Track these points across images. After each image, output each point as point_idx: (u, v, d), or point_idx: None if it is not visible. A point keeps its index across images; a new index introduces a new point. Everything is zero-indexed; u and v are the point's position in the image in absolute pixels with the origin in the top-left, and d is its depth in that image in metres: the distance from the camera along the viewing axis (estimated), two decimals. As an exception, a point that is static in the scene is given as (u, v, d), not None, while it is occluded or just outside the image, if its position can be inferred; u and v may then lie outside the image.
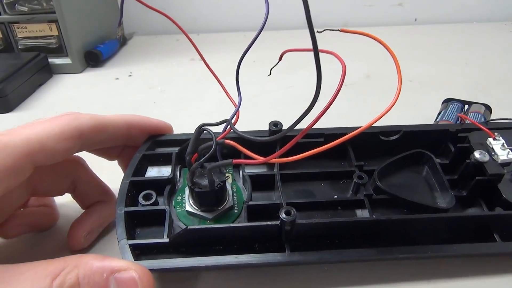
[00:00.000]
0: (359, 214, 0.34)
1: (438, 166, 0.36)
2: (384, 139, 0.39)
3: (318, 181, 0.38)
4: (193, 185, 0.31)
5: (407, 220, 0.32)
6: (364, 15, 0.92)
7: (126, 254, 0.29)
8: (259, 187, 0.36)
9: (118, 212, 0.31)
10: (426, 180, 0.36)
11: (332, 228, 0.32)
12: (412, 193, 0.35)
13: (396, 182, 0.36)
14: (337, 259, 0.31)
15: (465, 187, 0.35)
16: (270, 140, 0.27)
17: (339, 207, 0.35)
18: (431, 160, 0.36)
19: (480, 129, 0.36)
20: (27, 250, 0.35)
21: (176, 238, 0.30)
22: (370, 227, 0.32)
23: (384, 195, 0.34)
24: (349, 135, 0.27)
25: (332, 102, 0.25)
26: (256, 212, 0.33)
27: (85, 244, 0.35)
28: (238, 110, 0.32)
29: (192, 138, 0.31)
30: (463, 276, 0.32)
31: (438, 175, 0.35)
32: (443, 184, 0.34)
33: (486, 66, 0.70)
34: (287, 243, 0.31)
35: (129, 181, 0.34)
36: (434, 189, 0.35)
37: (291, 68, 0.68)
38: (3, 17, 0.67)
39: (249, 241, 0.32)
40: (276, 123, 0.38)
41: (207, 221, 0.33)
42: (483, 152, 0.34)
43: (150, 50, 0.82)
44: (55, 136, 0.29)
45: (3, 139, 0.27)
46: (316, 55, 0.21)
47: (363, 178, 0.35)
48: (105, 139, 0.34)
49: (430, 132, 0.39)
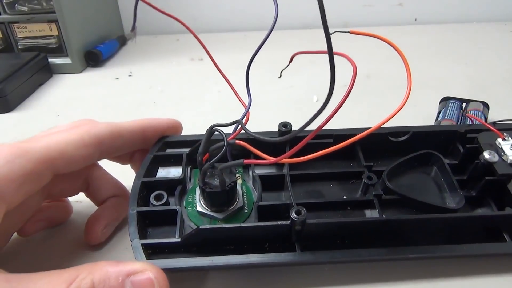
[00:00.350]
0: (368, 215, 0.34)
1: (447, 167, 0.35)
2: (393, 139, 0.39)
3: (328, 182, 0.38)
4: (204, 185, 0.32)
5: (416, 220, 0.32)
6: (364, 15, 0.92)
7: (139, 253, 0.29)
8: (269, 187, 0.36)
9: (131, 212, 0.32)
10: (435, 181, 0.36)
11: (342, 228, 0.32)
12: (422, 193, 0.35)
13: (405, 182, 0.36)
14: (348, 259, 0.31)
15: (475, 187, 0.35)
16: (280, 140, 0.27)
17: (348, 207, 0.35)
18: (440, 161, 0.36)
19: (488, 130, 0.36)
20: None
21: (188, 237, 0.30)
22: (380, 227, 0.32)
23: (394, 195, 0.34)
24: (358, 136, 0.27)
25: (343, 103, 0.24)
26: (266, 212, 0.33)
27: (102, 238, 0.35)
28: (248, 111, 0.32)
29: (203, 139, 0.31)
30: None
31: (447, 175, 0.35)
32: (452, 185, 0.34)
33: (486, 66, 0.70)
34: (298, 243, 0.31)
35: (140, 182, 0.34)
36: (443, 189, 0.35)
37: (291, 68, 0.68)
38: (3, 17, 0.67)
39: (260, 241, 0.32)
40: (285, 124, 0.38)
41: (217, 221, 0.33)
42: (493, 152, 0.34)
43: (150, 50, 0.82)
44: (74, 144, 0.30)
45: (23, 145, 0.28)
46: (331, 58, 0.21)
47: (372, 178, 0.35)
48: (122, 145, 0.34)
49: (439, 132, 0.39)
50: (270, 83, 0.65)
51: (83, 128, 0.32)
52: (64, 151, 0.30)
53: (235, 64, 0.74)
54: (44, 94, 0.65)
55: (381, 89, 0.63)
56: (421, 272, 0.32)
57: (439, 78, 0.66)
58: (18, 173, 0.27)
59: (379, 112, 0.57)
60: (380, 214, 0.33)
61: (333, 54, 0.22)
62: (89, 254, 0.35)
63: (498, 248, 0.31)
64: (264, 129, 0.38)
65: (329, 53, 0.21)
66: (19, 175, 0.27)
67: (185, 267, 0.29)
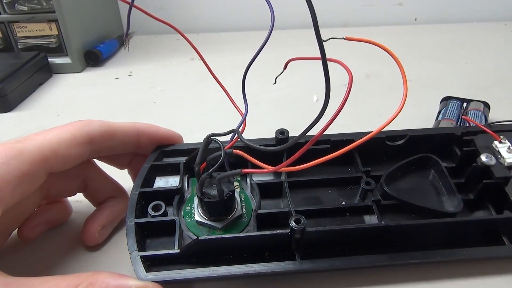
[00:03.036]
0: (367, 220, 0.35)
1: (445, 170, 0.36)
2: (390, 144, 0.39)
3: (326, 188, 0.38)
4: (203, 195, 0.32)
5: (416, 226, 0.32)
6: (364, 15, 0.92)
7: (138, 266, 0.29)
8: (267, 195, 0.36)
9: (128, 223, 0.31)
10: (433, 184, 0.36)
11: (342, 235, 0.32)
12: (420, 197, 0.35)
13: (403, 187, 0.36)
14: (348, 266, 0.31)
15: (473, 190, 0.36)
16: (278, 150, 0.27)
17: (347, 213, 0.35)
18: (438, 164, 0.36)
19: (485, 132, 0.37)
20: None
21: (187, 249, 0.30)
22: (380, 233, 0.32)
23: (392, 200, 0.34)
24: (357, 143, 0.27)
25: (340, 110, 0.24)
26: (265, 220, 0.33)
27: (100, 239, 0.35)
28: (244, 119, 0.32)
29: (200, 149, 0.31)
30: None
31: (445, 179, 0.36)
32: (450, 188, 0.35)
33: (486, 66, 0.70)
34: (297, 251, 0.31)
35: (138, 192, 0.34)
36: (441, 193, 0.35)
37: (290, 69, 0.68)
38: (3, 17, 0.67)
39: (259, 249, 0.32)
40: (282, 131, 0.38)
41: (216, 230, 0.33)
42: (490, 155, 0.34)
43: (150, 50, 0.82)
44: (66, 142, 0.30)
45: (17, 145, 0.28)
46: (325, 65, 0.21)
47: (370, 184, 0.35)
48: (114, 145, 0.34)
49: (435, 136, 0.40)
50: (270, 83, 0.64)
51: (75, 125, 0.31)
52: (56, 149, 0.29)
53: (235, 64, 0.75)
54: (44, 94, 0.65)
55: (381, 89, 0.63)
56: (421, 276, 0.32)
57: (439, 78, 0.66)
58: (13, 175, 0.26)
59: (379, 112, 0.57)
60: (379, 220, 0.33)
61: (327, 61, 0.22)
62: (87, 254, 0.35)
63: (498, 252, 0.32)
64: (263, 130, 0.38)
65: (323, 61, 0.21)
66: (14, 177, 0.26)
67: (185, 278, 0.29)
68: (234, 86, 0.34)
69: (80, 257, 0.35)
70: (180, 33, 0.32)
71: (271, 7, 0.28)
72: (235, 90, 0.34)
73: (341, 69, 0.24)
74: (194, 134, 0.41)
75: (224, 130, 0.32)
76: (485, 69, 0.69)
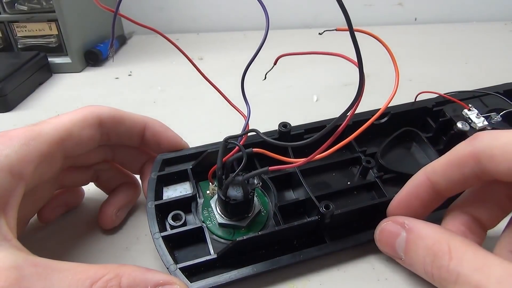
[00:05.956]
0: (373, 195, 0.37)
1: (426, 140, 0.40)
2: (375, 123, 0.40)
3: (330, 172, 0.40)
4: (227, 198, 0.32)
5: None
6: (364, 15, 0.92)
7: (181, 278, 0.29)
8: (278, 187, 0.37)
9: (156, 239, 0.31)
10: (418, 154, 0.41)
11: (363, 212, 0.34)
12: (411, 166, 0.37)
13: (395, 159, 0.40)
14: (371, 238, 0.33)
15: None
16: (308, 143, 0.27)
17: (355, 192, 0.38)
18: (418, 136, 0.41)
19: (452, 102, 0.41)
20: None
21: (225, 252, 0.30)
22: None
23: (390, 173, 0.38)
24: (368, 122, 0.30)
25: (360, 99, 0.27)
26: (287, 211, 0.34)
27: (117, 221, 0.37)
28: (247, 123, 0.33)
29: (219, 153, 0.31)
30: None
31: (427, 148, 0.40)
32: (433, 155, 0.38)
33: (486, 66, 0.70)
34: (326, 234, 0.33)
35: (154, 205, 0.34)
36: (427, 160, 0.39)
37: (290, 68, 0.68)
38: (3, 16, 0.67)
39: (288, 240, 0.33)
40: (285, 124, 0.39)
41: (241, 229, 0.33)
42: (464, 122, 0.39)
43: (150, 49, 0.81)
44: (79, 124, 0.32)
45: (35, 128, 0.29)
46: (358, 53, 0.23)
47: (370, 162, 0.38)
48: (122, 132, 0.35)
49: (412, 110, 0.43)
50: (270, 83, 0.64)
51: (86, 108, 0.33)
52: (71, 130, 0.31)
53: (235, 64, 0.74)
54: (43, 94, 0.65)
55: (381, 89, 0.63)
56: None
57: (438, 78, 0.66)
58: (34, 155, 0.28)
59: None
60: (388, 193, 0.35)
61: (359, 50, 0.23)
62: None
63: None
64: (263, 130, 0.38)
65: (356, 51, 0.24)
66: (35, 156, 0.28)
67: (230, 281, 0.29)
68: (234, 86, 0.34)
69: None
70: (164, 36, 0.32)
71: (265, 9, 0.28)
72: (235, 90, 0.34)
73: (341, 69, 0.24)
74: (194, 134, 0.41)
75: (224, 130, 0.32)
76: (485, 69, 0.69)
